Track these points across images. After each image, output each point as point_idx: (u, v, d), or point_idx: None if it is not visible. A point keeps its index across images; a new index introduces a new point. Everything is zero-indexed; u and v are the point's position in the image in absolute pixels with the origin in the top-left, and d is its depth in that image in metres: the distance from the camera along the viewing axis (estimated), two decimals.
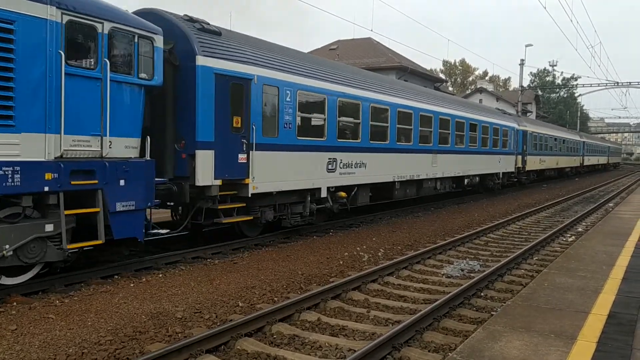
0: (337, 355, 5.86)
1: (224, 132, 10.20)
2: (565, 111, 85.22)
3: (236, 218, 10.89)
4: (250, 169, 10.71)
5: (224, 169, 10.21)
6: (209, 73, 9.92)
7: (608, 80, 66.48)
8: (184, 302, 7.49)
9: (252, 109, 10.77)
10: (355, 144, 14.12)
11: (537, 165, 33.20)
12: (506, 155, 26.60)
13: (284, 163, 11.65)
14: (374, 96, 15.00)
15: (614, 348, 4.82)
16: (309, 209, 12.63)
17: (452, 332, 6.69)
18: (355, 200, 14.54)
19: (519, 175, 29.51)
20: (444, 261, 10.99)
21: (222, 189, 10.32)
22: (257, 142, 10.86)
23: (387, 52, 41.34)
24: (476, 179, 23.32)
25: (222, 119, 10.17)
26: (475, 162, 22.44)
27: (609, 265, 8.35)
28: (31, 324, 6.39)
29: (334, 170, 13.27)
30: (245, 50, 11.01)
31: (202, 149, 9.85)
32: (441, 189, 19.95)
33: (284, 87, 11.61)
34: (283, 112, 11.61)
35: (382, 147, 15.28)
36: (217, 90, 10.05)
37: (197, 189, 9.96)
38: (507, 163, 26.83)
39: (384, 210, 17.67)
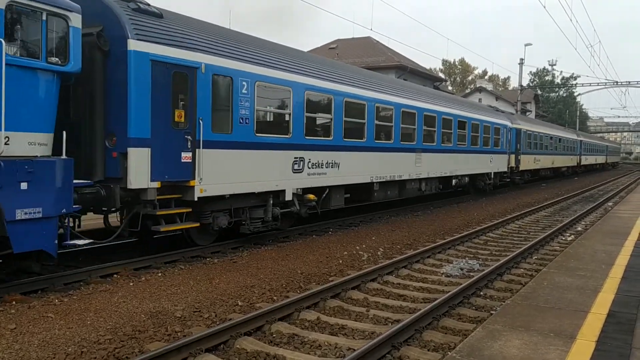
0: (336, 354, 5.86)
1: (163, 128, 9.03)
2: (565, 110, 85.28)
3: (180, 225, 9.68)
4: (196, 170, 9.54)
5: (164, 170, 9.05)
6: (143, 60, 8.70)
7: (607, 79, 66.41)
8: (183, 301, 7.48)
9: (199, 102, 9.59)
10: (326, 141, 13.00)
11: (531, 165, 32.01)
12: (498, 155, 25.45)
13: (239, 163, 10.46)
14: (349, 90, 13.85)
15: (613, 347, 4.82)
16: (271, 213, 11.44)
17: (452, 331, 6.68)
18: (327, 203, 13.49)
19: (512, 175, 28.43)
20: (443, 260, 10.99)
21: (163, 192, 9.19)
22: (205, 139, 9.70)
23: (387, 51, 41.34)
24: (465, 180, 22.13)
25: (161, 112, 9.01)
26: (464, 162, 21.31)
27: (608, 264, 8.35)
28: (30, 323, 6.38)
29: (301, 171, 12.13)
30: (190, 35, 9.76)
31: (136, 147, 8.66)
32: (427, 190, 18.82)
33: (239, 78, 10.36)
34: (238, 105, 10.36)
35: (358, 146, 14.17)
36: (155, 79, 8.86)
37: (131, 193, 8.80)
38: (500, 162, 25.65)
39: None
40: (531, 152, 31.99)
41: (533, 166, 32.60)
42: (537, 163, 33.54)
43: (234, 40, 11.02)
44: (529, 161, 31.36)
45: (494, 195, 26.16)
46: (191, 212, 9.81)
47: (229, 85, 10.23)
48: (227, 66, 10.20)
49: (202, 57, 9.70)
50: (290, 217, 12.74)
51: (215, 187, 9.96)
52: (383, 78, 17.95)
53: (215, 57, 9.99)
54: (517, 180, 30.09)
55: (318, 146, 12.71)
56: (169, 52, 9.14)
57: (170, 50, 9.19)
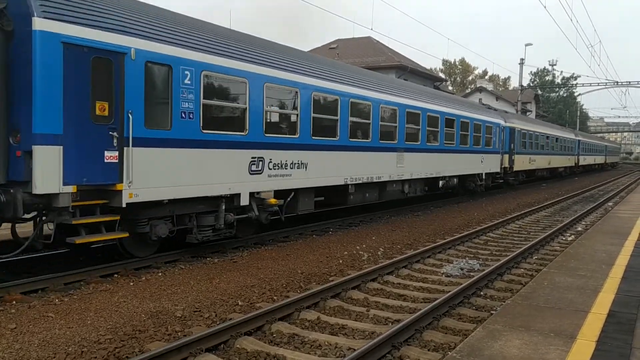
0: (336, 354, 5.86)
1: (80, 122, 7.71)
2: (565, 110, 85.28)
3: (103, 236, 8.35)
4: (124, 171, 8.21)
5: (81, 171, 7.74)
6: (53, 42, 7.38)
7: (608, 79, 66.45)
8: (184, 300, 7.49)
9: (128, 93, 8.25)
10: (291, 140, 11.71)
11: (526, 165, 30.61)
12: (490, 154, 24.10)
13: (181, 163, 9.16)
14: (318, 83, 12.42)
15: (613, 347, 4.82)
16: (223, 220, 10.23)
17: (452, 331, 6.69)
18: (294, 207, 12.32)
19: (505, 176, 27.01)
20: (443, 260, 10.99)
21: (83, 197, 7.97)
22: (136, 135, 8.36)
23: (387, 51, 41.35)
24: (454, 181, 20.97)
25: (78, 104, 7.68)
26: (452, 162, 19.98)
27: (608, 264, 8.35)
28: (30, 323, 6.38)
29: (261, 172, 10.88)
30: (117, 15, 8.40)
31: (43, 144, 7.36)
32: (410, 193, 17.53)
33: (181, 66, 9.04)
34: (179, 98, 9.04)
35: (329, 145, 12.87)
36: (68, 65, 7.53)
37: (39, 199, 7.48)
38: (492, 163, 24.31)
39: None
40: (526, 152, 30.68)
41: (528, 167, 31.27)
42: (533, 163, 32.19)
43: (175, 23, 9.63)
44: (524, 161, 30.01)
45: (494, 195, 26.15)
46: (122, 219, 8.56)
47: (167, 75, 8.90)
48: (165, 52, 8.86)
49: (131, 41, 8.35)
50: (251, 224, 11.64)
51: (149, 192, 8.64)
52: (360, 72, 16.28)
53: (149, 42, 8.65)
54: (511, 181, 28.84)
55: (281, 145, 11.43)
56: (87, 34, 7.78)
57: (89, 32, 7.81)
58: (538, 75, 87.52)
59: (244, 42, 11.09)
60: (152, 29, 8.87)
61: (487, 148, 23.87)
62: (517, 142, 28.41)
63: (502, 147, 25.92)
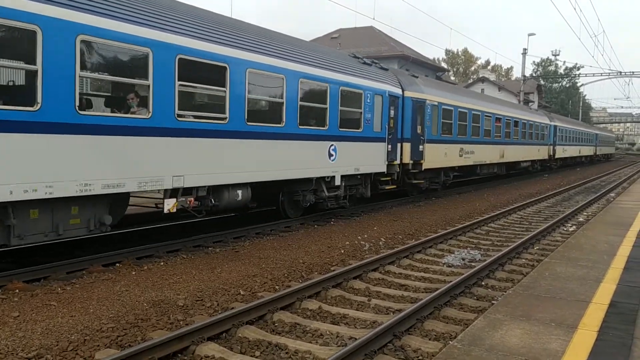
0: (338, 343, 5.88)
1: None
2: (568, 101, 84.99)
3: None
4: None
5: None
6: None
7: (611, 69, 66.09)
8: (186, 290, 7.51)
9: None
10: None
11: (446, 160, 19.71)
12: (366, 144, 14.56)
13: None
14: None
15: (615, 337, 4.82)
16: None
17: (453, 321, 6.70)
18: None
19: (405, 178, 17.44)
20: (445, 250, 11.00)
21: None
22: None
23: (389, 41, 41.21)
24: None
25: None
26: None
27: (610, 254, 8.35)
28: (33, 311, 6.41)
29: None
30: None
31: None
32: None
33: None
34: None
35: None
36: None
37: None
38: (370, 157, 14.79)
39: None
40: (449, 140, 19.94)
41: (450, 162, 20.14)
42: (465, 156, 21.49)
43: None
44: (440, 154, 19.18)
45: (496, 186, 26.14)
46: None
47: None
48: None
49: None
50: None
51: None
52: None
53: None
54: (411, 189, 18.68)
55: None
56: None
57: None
58: (541, 65, 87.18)
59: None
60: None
61: (356, 132, 14.03)
62: (430, 124, 18.28)
63: (396, 131, 16.17)
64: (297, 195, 12.91)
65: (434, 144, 18.66)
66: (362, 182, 14.98)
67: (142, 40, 8.41)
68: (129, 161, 8.32)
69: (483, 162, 23.98)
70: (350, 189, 14.55)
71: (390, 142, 15.69)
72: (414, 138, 17.23)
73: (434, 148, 18.60)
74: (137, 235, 10.91)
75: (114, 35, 8.01)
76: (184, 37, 9.17)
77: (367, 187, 15.29)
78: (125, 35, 8.18)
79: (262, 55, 10.96)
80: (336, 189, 13.56)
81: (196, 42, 9.35)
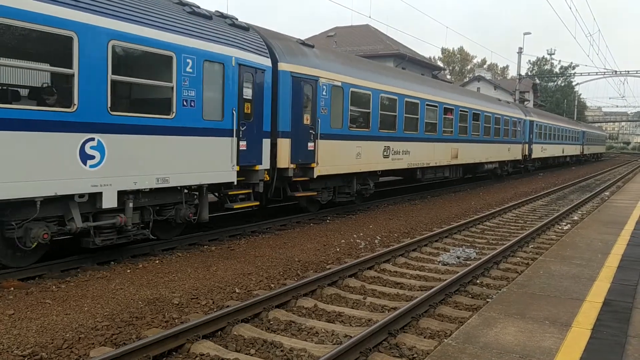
0: (333, 341, 5.89)
1: None
2: (563, 100, 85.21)
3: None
4: None
5: None
6: None
7: (606, 69, 66.29)
8: (181, 288, 7.50)
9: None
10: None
11: (361, 163, 14.40)
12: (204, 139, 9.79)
13: None
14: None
15: (608, 335, 4.85)
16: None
17: (448, 319, 6.72)
18: None
19: (281, 191, 12.53)
20: (440, 249, 11.03)
21: None
22: None
23: (386, 40, 41.20)
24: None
25: None
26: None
27: (604, 253, 8.38)
28: (28, 309, 6.40)
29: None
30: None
31: None
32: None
33: None
34: None
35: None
36: None
37: None
38: (208, 161, 9.81)
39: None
40: (365, 136, 14.59)
41: (367, 164, 14.70)
42: (394, 157, 16.14)
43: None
44: (347, 154, 13.86)
45: (491, 184, 26.19)
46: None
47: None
48: None
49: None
50: None
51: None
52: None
53: None
54: (307, 200, 13.52)
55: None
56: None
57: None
58: (536, 64, 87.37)
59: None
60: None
61: (157, 119, 8.83)
62: (321, 111, 12.80)
63: (260, 120, 11.08)
64: (9, 230, 7.35)
65: (337, 140, 13.31)
66: (189, 200, 9.76)
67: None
68: None
69: (424, 164, 18.28)
70: (160, 212, 9.28)
71: (246, 136, 10.56)
72: (297, 132, 12.08)
73: (335, 146, 13.26)
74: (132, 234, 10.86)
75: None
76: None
77: (203, 207, 10.03)
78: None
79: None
80: (111, 214, 8.28)
81: None
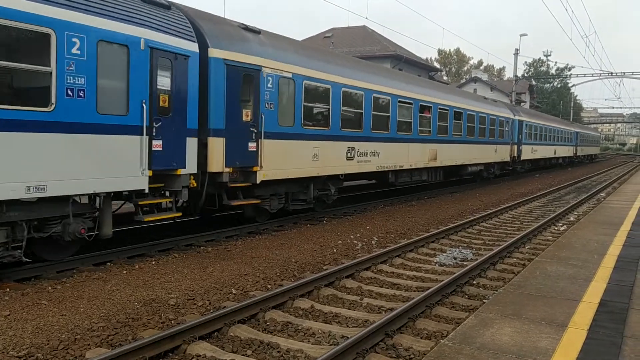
0: (330, 342, 5.88)
1: None
2: (559, 101, 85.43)
3: None
4: None
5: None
6: None
7: (602, 70, 66.44)
8: (177, 289, 7.49)
9: None
10: None
11: (319, 166, 12.93)
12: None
13: None
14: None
15: (604, 336, 4.86)
16: None
17: (445, 320, 6.72)
18: None
19: (216, 199, 11.10)
20: (437, 249, 11.03)
21: None
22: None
23: (382, 41, 41.24)
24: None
25: None
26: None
27: (600, 254, 8.40)
28: (24, 310, 6.38)
29: None
30: None
31: None
32: None
33: None
34: None
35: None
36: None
37: None
38: (105, 164, 8.10)
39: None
40: (323, 135, 13.13)
41: (323, 167, 13.08)
42: (360, 158, 14.52)
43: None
44: (300, 155, 12.42)
45: (488, 185, 26.23)
46: None
47: None
48: None
49: None
50: None
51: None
52: None
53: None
54: (255, 208, 12.16)
55: None
56: None
57: None
58: (533, 65, 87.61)
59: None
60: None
61: (29, 112, 7.08)
62: (266, 106, 11.21)
63: (182, 115, 9.67)
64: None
65: (287, 140, 11.76)
66: (83, 213, 8.27)
67: None
68: None
69: (397, 166, 16.56)
70: (40, 228, 7.76)
71: (162, 135, 9.13)
72: (234, 130, 10.39)
73: (286, 147, 11.72)
74: (128, 235, 10.85)
75: None
76: None
77: (105, 221, 8.64)
78: None
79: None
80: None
81: None
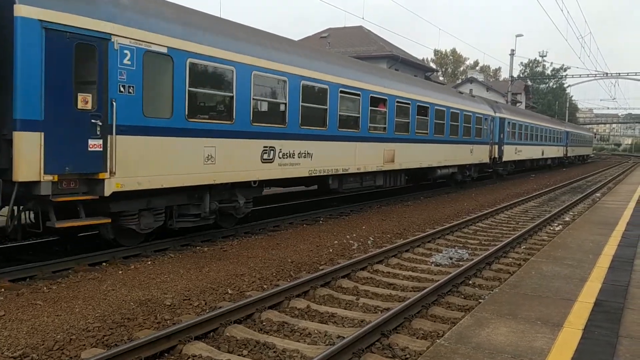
0: (326, 342, 5.88)
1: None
2: (554, 102, 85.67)
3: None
4: None
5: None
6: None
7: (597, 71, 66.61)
8: (173, 289, 7.47)
9: None
10: None
11: (217, 171, 9.93)
12: None
13: None
14: None
15: (600, 335, 4.87)
16: None
17: (440, 320, 6.73)
18: None
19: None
20: (433, 249, 11.05)
21: None
22: None
23: (379, 41, 41.29)
24: None
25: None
26: None
27: (595, 254, 8.43)
28: (19, 310, 6.35)
29: None
30: None
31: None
32: None
33: None
34: None
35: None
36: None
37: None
38: None
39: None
40: (227, 131, 10.13)
41: (223, 174, 10.07)
42: (284, 161, 11.65)
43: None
44: (185, 157, 9.31)
45: (484, 185, 26.28)
46: None
47: None
48: None
49: None
50: None
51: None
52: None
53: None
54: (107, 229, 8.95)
55: None
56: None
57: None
58: (528, 66, 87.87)
59: None
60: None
61: None
62: (121, 90, 8.15)
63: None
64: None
65: (160, 136, 8.91)
66: None
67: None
68: None
69: (339, 170, 13.66)
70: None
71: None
72: (61, 121, 7.56)
73: (158, 146, 8.87)
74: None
75: None
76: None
77: None
78: None
79: None
80: None
81: None
